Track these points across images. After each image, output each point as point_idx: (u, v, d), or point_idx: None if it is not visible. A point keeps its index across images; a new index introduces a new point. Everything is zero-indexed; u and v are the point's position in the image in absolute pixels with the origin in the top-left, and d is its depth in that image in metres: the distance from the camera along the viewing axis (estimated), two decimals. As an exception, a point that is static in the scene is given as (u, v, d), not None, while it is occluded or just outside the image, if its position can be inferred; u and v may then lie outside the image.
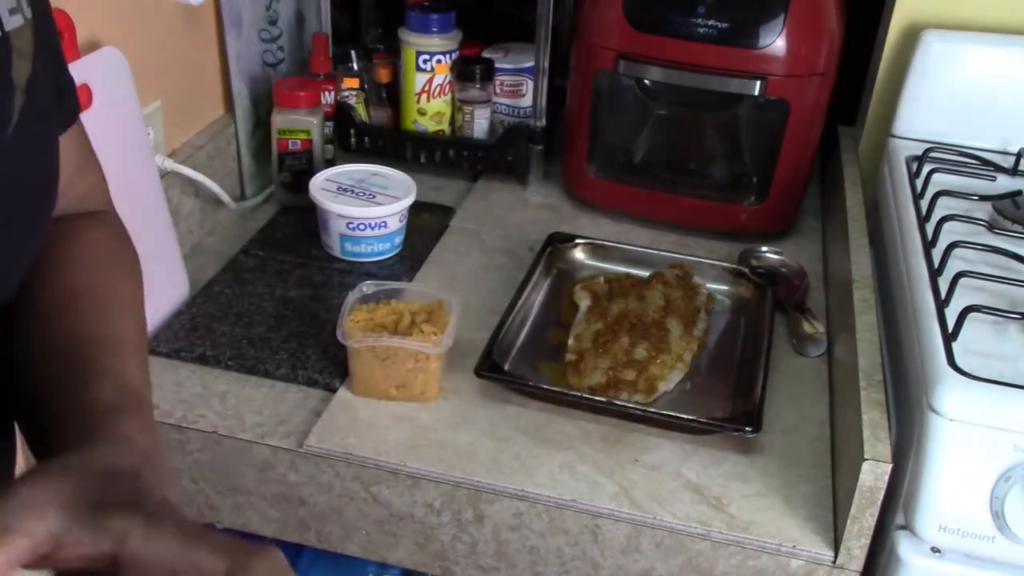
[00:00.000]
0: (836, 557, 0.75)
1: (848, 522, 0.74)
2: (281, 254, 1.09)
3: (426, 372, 0.86)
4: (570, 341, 0.95)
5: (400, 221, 1.09)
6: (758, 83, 1.06)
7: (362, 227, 1.06)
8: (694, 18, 1.05)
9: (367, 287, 0.92)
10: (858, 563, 0.75)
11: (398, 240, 1.10)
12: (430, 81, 1.24)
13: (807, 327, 1.00)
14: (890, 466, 0.71)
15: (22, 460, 0.60)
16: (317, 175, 1.10)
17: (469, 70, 1.24)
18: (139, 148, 0.94)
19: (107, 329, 0.59)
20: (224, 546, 0.45)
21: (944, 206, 0.97)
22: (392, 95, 1.30)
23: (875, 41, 1.24)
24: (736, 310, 1.04)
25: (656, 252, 1.09)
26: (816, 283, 1.09)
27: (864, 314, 0.87)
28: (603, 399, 0.87)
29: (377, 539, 0.85)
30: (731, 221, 1.18)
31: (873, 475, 0.71)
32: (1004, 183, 1.07)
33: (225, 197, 1.13)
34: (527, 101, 1.27)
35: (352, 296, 0.91)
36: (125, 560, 0.44)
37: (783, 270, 1.10)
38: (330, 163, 1.21)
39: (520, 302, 0.98)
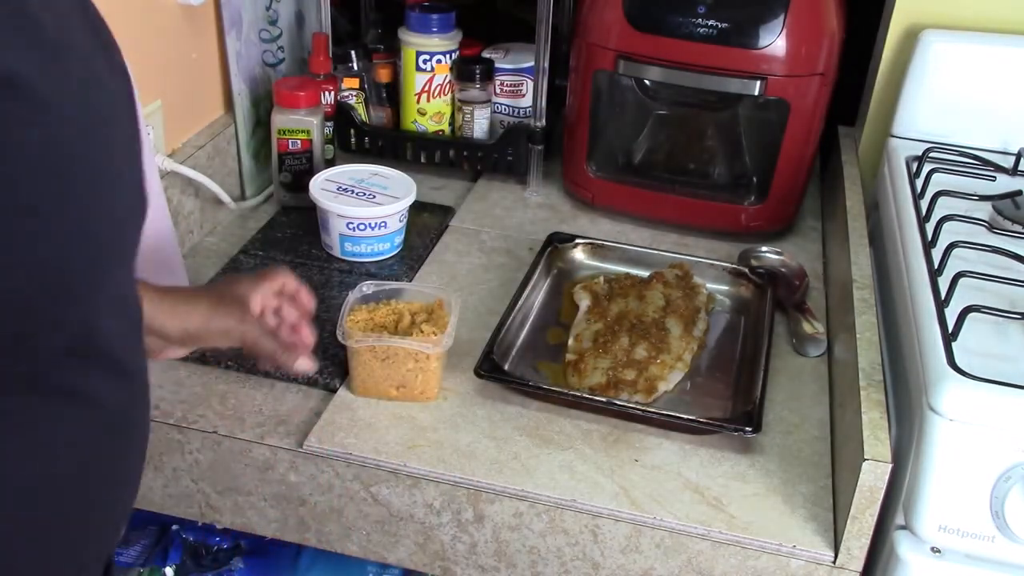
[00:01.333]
0: (836, 557, 0.75)
1: (848, 522, 0.74)
2: (281, 254, 1.09)
3: (426, 372, 0.86)
4: (570, 341, 0.95)
5: (400, 221, 1.09)
6: (758, 83, 1.06)
7: (362, 227, 1.06)
8: (694, 18, 1.05)
9: (367, 287, 0.92)
10: (858, 563, 0.75)
11: (398, 240, 1.10)
12: (430, 81, 1.24)
13: (807, 327, 1.00)
14: (890, 466, 0.71)
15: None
16: (317, 175, 1.10)
17: (469, 70, 1.24)
18: (139, 148, 0.94)
19: None
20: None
21: (944, 206, 0.97)
22: (392, 95, 1.30)
23: (875, 41, 1.24)
24: (736, 310, 1.04)
25: (656, 252, 1.09)
26: (816, 283, 1.09)
27: (864, 314, 0.87)
28: (603, 399, 0.87)
29: (377, 539, 0.85)
30: (731, 221, 1.18)
31: (873, 475, 0.71)
32: (1004, 183, 1.07)
33: (225, 197, 1.13)
34: (527, 101, 1.27)
35: (352, 296, 0.91)
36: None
37: (783, 270, 1.10)
38: (330, 163, 1.21)
39: (520, 302, 0.98)
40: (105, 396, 0.54)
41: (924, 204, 1.00)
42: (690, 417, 0.85)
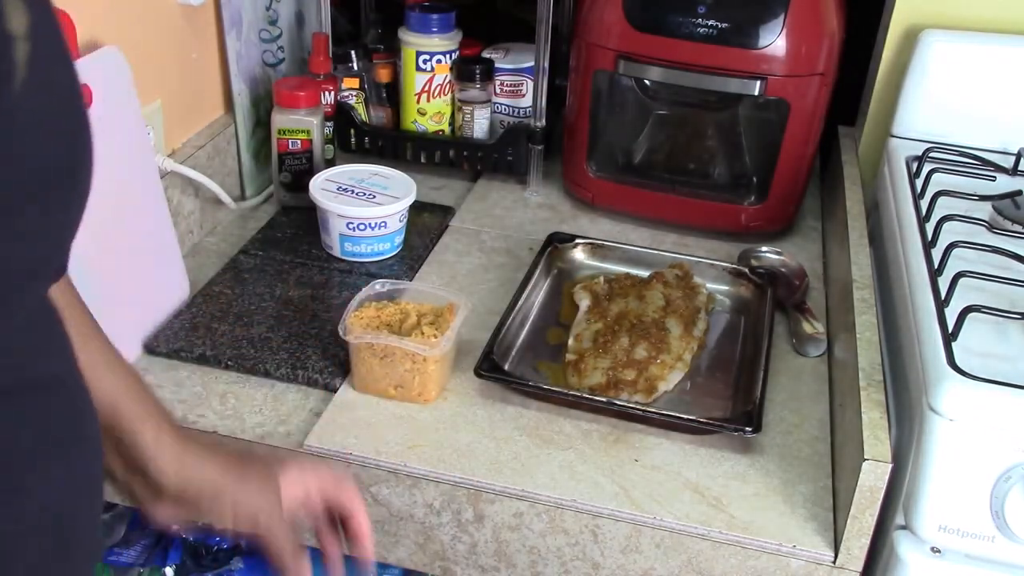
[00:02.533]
0: (836, 557, 0.75)
1: (848, 522, 0.74)
2: (281, 254, 1.09)
3: (423, 374, 0.86)
4: (570, 341, 0.95)
5: (400, 221, 1.09)
6: (758, 83, 1.06)
7: (362, 227, 1.06)
8: (694, 18, 1.05)
9: (380, 284, 0.92)
10: (858, 563, 0.75)
11: (398, 240, 1.10)
12: (430, 81, 1.24)
13: (807, 327, 1.00)
14: (890, 466, 0.71)
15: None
16: (317, 175, 1.10)
17: (469, 70, 1.24)
18: (139, 148, 0.94)
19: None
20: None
21: (944, 206, 0.97)
22: (392, 95, 1.30)
23: (875, 41, 1.24)
24: (736, 310, 1.04)
25: (656, 252, 1.09)
26: (816, 283, 1.09)
27: (864, 314, 0.87)
28: (603, 399, 0.87)
29: (377, 539, 0.85)
30: (731, 221, 1.18)
31: (873, 475, 0.71)
32: (1004, 183, 1.07)
33: (225, 197, 1.13)
34: (527, 101, 1.27)
35: (363, 292, 0.91)
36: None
37: (783, 270, 1.10)
38: (330, 163, 1.21)
39: (520, 302, 0.98)
40: None
41: (924, 204, 1.00)
42: (690, 417, 0.85)
